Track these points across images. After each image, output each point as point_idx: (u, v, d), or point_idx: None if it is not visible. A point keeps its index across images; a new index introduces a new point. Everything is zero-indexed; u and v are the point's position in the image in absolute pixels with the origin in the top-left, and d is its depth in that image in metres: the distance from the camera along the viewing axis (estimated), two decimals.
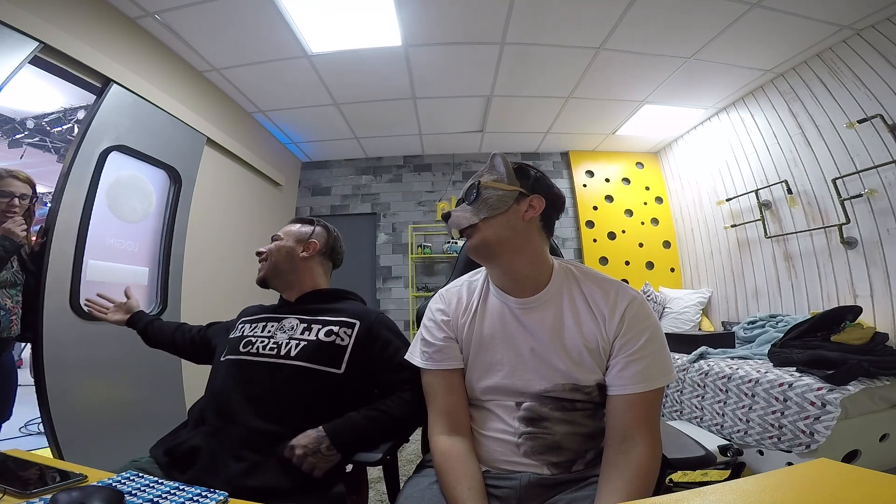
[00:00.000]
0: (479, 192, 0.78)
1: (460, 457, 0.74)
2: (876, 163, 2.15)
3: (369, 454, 0.86)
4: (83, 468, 0.66)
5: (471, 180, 0.82)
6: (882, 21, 2.19)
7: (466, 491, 0.68)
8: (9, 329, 1.49)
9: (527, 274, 0.79)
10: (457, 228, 0.79)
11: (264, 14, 2.18)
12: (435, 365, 0.81)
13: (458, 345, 0.82)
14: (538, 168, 0.84)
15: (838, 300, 2.36)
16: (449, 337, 0.82)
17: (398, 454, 0.96)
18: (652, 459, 0.67)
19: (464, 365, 0.82)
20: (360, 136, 3.81)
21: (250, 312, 1.12)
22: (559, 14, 2.25)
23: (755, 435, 1.80)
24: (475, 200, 0.78)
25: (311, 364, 0.92)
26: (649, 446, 0.68)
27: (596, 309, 0.76)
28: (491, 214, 0.76)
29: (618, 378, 0.72)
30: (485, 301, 0.83)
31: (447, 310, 0.85)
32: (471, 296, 0.85)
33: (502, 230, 0.76)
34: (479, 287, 0.85)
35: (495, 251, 0.77)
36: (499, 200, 0.76)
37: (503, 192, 0.77)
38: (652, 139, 3.95)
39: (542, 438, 0.75)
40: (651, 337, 0.73)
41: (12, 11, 1.60)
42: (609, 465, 0.68)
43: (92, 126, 2.00)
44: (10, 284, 1.51)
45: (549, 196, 0.79)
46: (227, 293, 2.95)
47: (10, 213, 1.47)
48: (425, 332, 0.85)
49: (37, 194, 1.60)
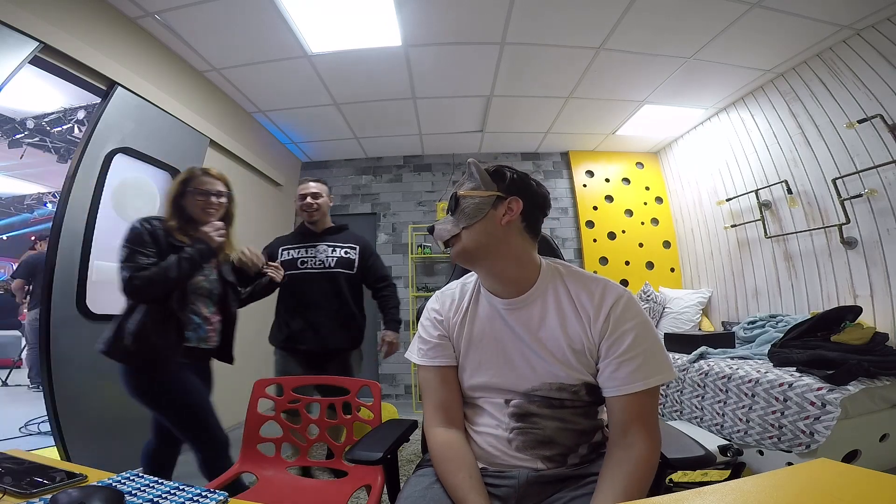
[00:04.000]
0: (457, 202, 0.81)
1: (458, 447, 0.76)
2: (876, 163, 2.15)
3: (369, 453, 0.86)
4: (83, 468, 0.66)
5: (451, 190, 0.84)
6: (882, 21, 2.19)
7: (468, 480, 0.70)
8: (206, 340, 1.36)
9: (511, 276, 0.80)
10: (441, 240, 0.83)
11: (264, 14, 2.18)
12: (430, 361, 0.84)
13: (452, 343, 0.85)
14: (515, 169, 0.83)
15: (838, 300, 2.36)
16: (443, 335, 0.85)
17: (398, 454, 0.96)
18: (650, 454, 0.69)
19: (457, 363, 0.84)
20: (360, 136, 3.81)
21: (286, 241, 1.96)
22: (559, 14, 2.25)
23: (755, 435, 1.80)
24: (455, 211, 0.81)
25: (341, 270, 1.88)
26: (648, 442, 0.69)
27: (581, 309, 0.77)
28: (469, 223, 0.78)
29: (611, 380, 0.73)
30: (476, 302, 0.86)
31: (441, 310, 0.88)
32: (463, 297, 0.88)
33: (480, 237, 0.77)
34: (471, 289, 0.88)
35: (476, 257, 0.79)
36: (476, 208, 0.78)
37: (479, 200, 0.78)
38: (652, 139, 3.95)
39: (532, 433, 0.77)
40: (639, 335, 0.73)
41: (12, 11, 1.60)
42: (609, 460, 0.70)
43: (97, 129, 2.02)
44: (207, 293, 1.37)
45: (528, 196, 0.79)
46: None
47: (208, 212, 1.36)
48: (422, 329, 0.89)
49: (231, 191, 1.47)
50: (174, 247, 1.27)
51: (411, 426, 1.01)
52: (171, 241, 1.28)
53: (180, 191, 1.35)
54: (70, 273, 1.88)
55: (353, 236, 2.01)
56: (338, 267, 1.88)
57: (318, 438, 1.31)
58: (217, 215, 1.38)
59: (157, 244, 1.26)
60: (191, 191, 1.34)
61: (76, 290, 1.90)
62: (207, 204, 1.35)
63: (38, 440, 2.53)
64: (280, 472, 1.26)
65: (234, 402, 2.84)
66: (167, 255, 1.24)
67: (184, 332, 1.28)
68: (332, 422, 1.30)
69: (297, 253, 1.90)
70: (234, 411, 2.90)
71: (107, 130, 2.06)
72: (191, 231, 1.33)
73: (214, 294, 1.40)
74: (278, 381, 1.37)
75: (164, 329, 1.24)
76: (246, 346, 3.16)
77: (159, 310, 1.24)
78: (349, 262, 1.90)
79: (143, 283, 1.19)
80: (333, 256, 1.89)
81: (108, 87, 2.08)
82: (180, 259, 1.23)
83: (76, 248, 1.92)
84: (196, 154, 2.66)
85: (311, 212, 1.90)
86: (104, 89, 2.07)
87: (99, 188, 2.01)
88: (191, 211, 1.35)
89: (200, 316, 1.34)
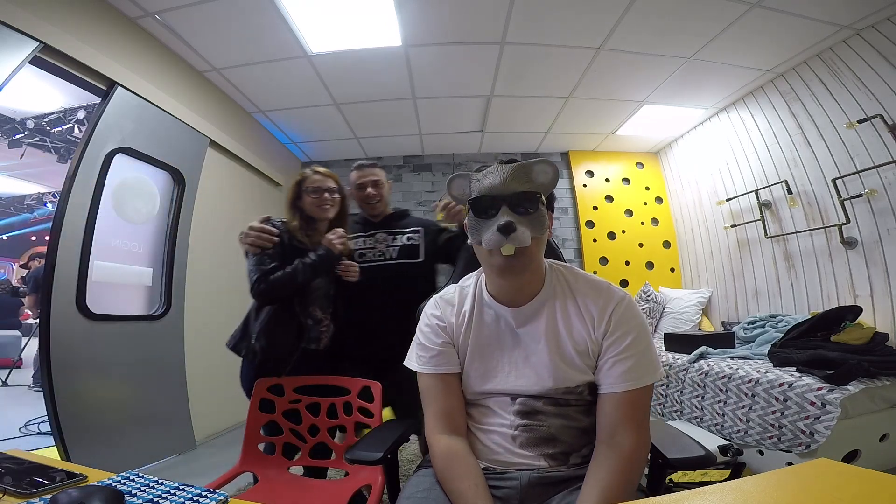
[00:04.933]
0: (536, 206, 0.73)
1: (462, 455, 0.75)
2: (876, 163, 2.15)
3: (369, 453, 0.86)
4: (83, 468, 0.66)
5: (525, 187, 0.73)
6: (882, 21, 2.19)
7: (473, 488, 0.69)
8: (317, 341, 1.39)
9: (530, 285, 0.80)
10: (521, 245, 0.70)
11: (264, 14, 2.18)
12: (433, 369, 0.82)
13: (455, 349, 0.83)
14: None
15: (838, 300, 2.36)
16: (447, 342, 0.83)
17: (398, 454, 0.96)
18: (637, 452, 0.69)
19: (460, 370, 0.83)
20: (360, 136, 3.80)
21: None
22: (559, 14, 2.25)
23: (755, 435, 1.79)
24: (532, 214, 0.73)
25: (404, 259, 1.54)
26: (635, 440, 0.69)
27: (586, 312, 0.78)
28: (540, 234, 0.74)
29: (606, 377, 0.74)
30: (479, 309, 0.84)
31: (442, 316, 0.85)
32: (463, 302, 0.85)
33: (541, 250, 0.77)
34: (471, 293, 0.85)
35: (529, 269, 0.76)
36: (541, 222, 0.74)
37: (544, 209, 0.75)
38: (652, 139, 3.95)
39: (537, 430, 0.77)
40: (637, 336, 0.74)
41: (12, 11, 1.60)
42: (595, 459, 0.70)
43: (97, 128, 2.02)
44: (325, 295, 1.42)
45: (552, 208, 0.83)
46: (230, 292, 2.94)
47: (324, 208, 1.39)
48: (422, 336, 0.86)
49: (342, 188, 1.47)
50: (296, 249, 1.33)
51: (411, 426, 1.01)
52: (293, 244, 1.34)
53: (296, 192, 1.41)
54: (70, 273, 1.88)
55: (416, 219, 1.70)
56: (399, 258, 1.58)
57: (319, 438, 1.31)
58: (333, 210, 1.42)
59: (280, 246, 1.31)
60: (305, 190, 1.39)
61: (76, 290, 1.90)
62: (322, 201, 1.39)
63: (38, 440, 2.52)
64: (280, 472, 1.26)
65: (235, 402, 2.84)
66: (290, 257, 1.29)
67: (304, 334, 1.33)
68: (333, 422, 1.30)
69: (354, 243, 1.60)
70: (235, 411, 2.91)
71: (107, 130, 2.06)
72: (310, 231, 1.39)
73: (329, 295, 1.44)
74: (278, 380, 1.37)
75: (285, 331, 1.30)
76: None
77: (283, 312, 1.30)
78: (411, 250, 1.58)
79: (268, 287, 1.24)
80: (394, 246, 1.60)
81: (108, 87, 2.08)
82: (305, 265, 1.28)
83: (76, 248, 1.91)
84: (196, 154, 2.66)
85: (373, 204, 1.62)
86: (104, 89, 2.07)
87: (99, 188, 2.01)
88: (308, 210, 1.40)
89: (314, 318, 1.39)
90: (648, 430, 0.73)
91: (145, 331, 2.26)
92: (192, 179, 2.59)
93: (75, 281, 1.90)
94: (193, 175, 2.61)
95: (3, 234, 8.80)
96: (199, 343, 2.57)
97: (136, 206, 2.30)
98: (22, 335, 4.85)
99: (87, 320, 1.93)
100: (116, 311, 2.14)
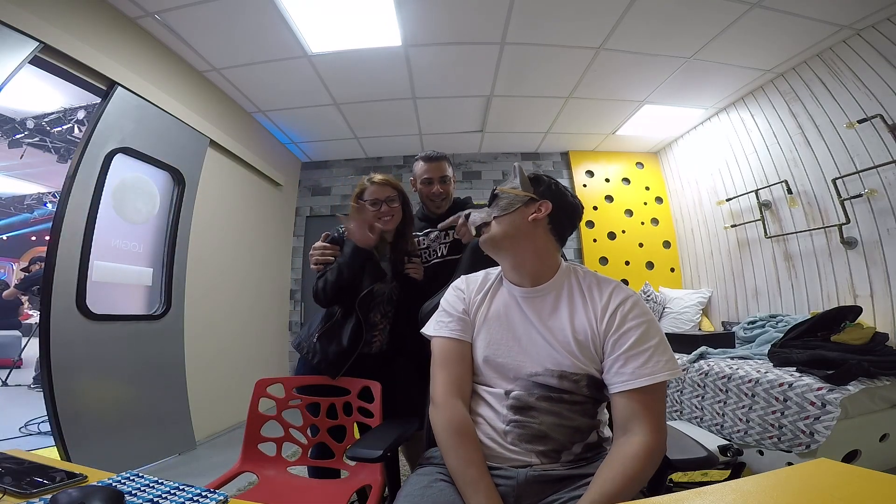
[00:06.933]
0: (496, 197, 0.92)
1: (472, 437, 0.78)
2: (876, 163, 2.15)
3: (369, 451, 0.86)
4: (83, 468, 0.66)
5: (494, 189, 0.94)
6: (882, 21, 2.19)
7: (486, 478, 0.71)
8: (370, 344, 1.37)
9: (530, 268, 0.87)
10: (474, 225, 0.94)
11: (264, 14, 2.18)
12: (450, 333, 0.88)
13: (470, 319, 0.90)
14: (556, 180, 0.92)
15: (838, 300, 2.36)
16: (466, 311, 0.91)
17: (399, 453, 0.96)
18: (649, 446, 0.69)
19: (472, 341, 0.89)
20: (360, 136, 3.80)
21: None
22: (559, 14, 2.25)
23: (755, 435, 1.80)
24: (492, 204, 0.91)
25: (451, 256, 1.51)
26: (649, 435, 0.69)
27: (591, 303, 0.82)
28: (500, 214, 0.88)
29: (618, 375, 0.75)
30: (497, 288, 0.93)
31: (466, 289, 0.95)
32: (486, 282, 0.95)
33: (507, 228, 0.87)
34: (493, 277, 0.96)
35: (500, 246, 0.88)
36: (509, 203, 0.88)
37: (514, 196, 0.88)
38: (652, 139, 3.95)
39: (528, 427, 0.78)
40: (645, 332, 0.76)
41: (12, 11, 1.60)
42: (610, 454, 0.71)
43: (97, 128, 2.02)
44: (388, 300, 1.41)
45: (559, 203, 0.88)
46: (231, 292, 2.95)
47: (384, 220, 1.36)
48: (446, 304, 0.94)
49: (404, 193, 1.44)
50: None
51: (412, 425, 1.01)
52: None
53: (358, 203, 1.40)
54: (70, 273, 1.89)
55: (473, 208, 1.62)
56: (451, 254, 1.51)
57: (319, 438, 1.31)
58: (393, 222, 1.40)
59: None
60: (365, 202, 1.38)
61: (76, 290, 1.90)
62: (379, 213, 1.37)
63: (38, 440, 2.52)
64: (280, 473, 1.26)
65: (235, 402, 2.85)
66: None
67: (361, 337, 1.32)
68: (333, 422, 1.30)
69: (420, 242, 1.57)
70: (235, 411, 2.91)
71: (107, 130, 2.06)
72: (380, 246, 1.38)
73: (392, 300, 1.43)
74: (279, 380, 1.37)
75: (341, 333, 1.31)
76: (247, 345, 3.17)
77: (342, 317, 1.32)
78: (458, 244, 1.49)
79: (315, 290, 1.30)
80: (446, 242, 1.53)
81: (108, 87, 2.08)
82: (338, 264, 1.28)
83: (76, 248, 1.92)
84: (196, 154, 2.66)
85: (439, 202, 1.54)
86: (104, 89, 2.07)
87: (99, 188, 2.01)
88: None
89: (371, 323, 1.37)
90: (664, 431, 0.72)
91: (145, 331, 2.26)
92: (192, 179, 2.59)
93: (75, 281, 1.90)
94: (193, 175, 2.61)
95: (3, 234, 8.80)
96: (199, 343, 2.57)
97: (136, 206, 2.30)
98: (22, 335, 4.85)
99: (87, 320, 1.93)
100: (116, 311, 2.14)
